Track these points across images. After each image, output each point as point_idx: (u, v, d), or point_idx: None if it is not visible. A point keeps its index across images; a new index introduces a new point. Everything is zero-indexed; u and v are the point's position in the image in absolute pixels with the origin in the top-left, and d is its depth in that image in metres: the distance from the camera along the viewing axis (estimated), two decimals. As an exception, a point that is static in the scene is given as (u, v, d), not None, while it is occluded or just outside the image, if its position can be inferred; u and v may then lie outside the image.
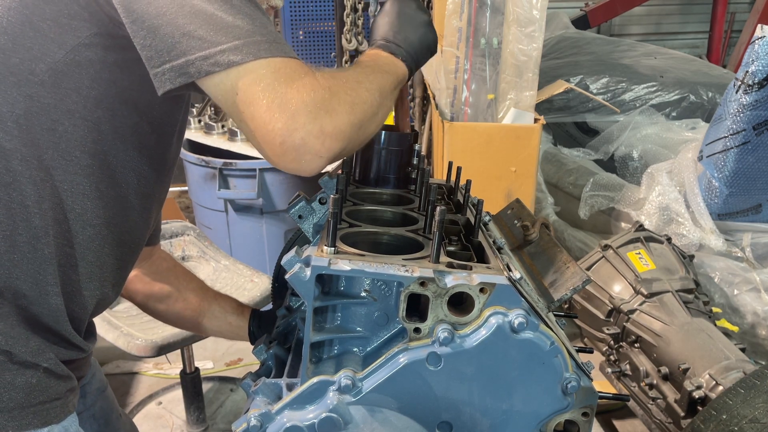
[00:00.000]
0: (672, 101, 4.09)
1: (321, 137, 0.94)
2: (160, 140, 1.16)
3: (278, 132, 0.93)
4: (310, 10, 4.30)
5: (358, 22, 3.41)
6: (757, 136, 2.72)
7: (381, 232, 1.08)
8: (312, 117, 0.93)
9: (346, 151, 1.00)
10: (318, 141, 0.94)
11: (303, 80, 0.94)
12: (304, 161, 0.96)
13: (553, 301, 1.02)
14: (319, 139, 0.94)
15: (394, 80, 1.14)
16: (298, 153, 0.95)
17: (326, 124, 0.94)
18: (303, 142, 0.93)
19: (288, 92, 0.93)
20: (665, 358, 2.18)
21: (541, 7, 2.43)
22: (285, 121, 0.93)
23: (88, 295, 1.13)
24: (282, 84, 0.93)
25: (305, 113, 0.93)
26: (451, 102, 2.55)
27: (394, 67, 1.17)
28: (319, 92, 0.94)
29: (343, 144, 0.97)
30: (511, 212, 1.36)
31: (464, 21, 2.44)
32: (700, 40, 7.99)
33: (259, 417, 0.89)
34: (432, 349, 0.89)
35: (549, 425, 0.94)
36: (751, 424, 1.57)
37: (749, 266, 2.76)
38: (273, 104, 0.92)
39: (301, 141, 0.93)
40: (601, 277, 2.49)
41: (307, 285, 0.88)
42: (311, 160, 0.96)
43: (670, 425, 2.10)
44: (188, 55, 0.92)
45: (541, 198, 3.57)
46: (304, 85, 0.94)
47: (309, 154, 0.95)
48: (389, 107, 1.13)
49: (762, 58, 2.59)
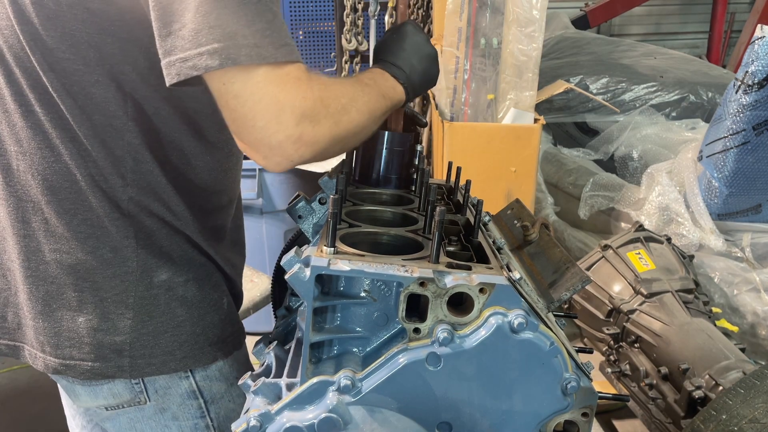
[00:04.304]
0: (672, 101, 4.09)
1: (298, 143, 0.96)
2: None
3: (258, 129, 0.95)
4: (310, 10, 4.31)
5: (358, 22, 3.42)
6: (757, 136, 2.72)
7: (381, 232, 1.08)
8: (295, 123, 0.94)
9: (316, 159, 1.02)
10: (294, 147, 0.96)
11: (296, 85, 0.95)
12: (274, 162, 0.98)
13: (553, 301, 1.02)
14: (295, 145, 0.96)
15: (388, 106, 1.16)
16: (271, 152, 0.97)
17: (307, 132, 0.96)
18: (279, 144, 0.95)
19: (279, 95, 0.94)
20: (665, 358, 2.18)
21: (541, 7, 2.43)
22: (268, 121, 0.94)
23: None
24: (274, 85, 0.93)
25: (289, 118, 0.94)
26: (451, 102, 2.55)
27: (393, 92, 1.18)
28: (309, 101, 0.96)
29: (316, 154, 1.00)
30: (510, 212, 1.36)
31: (464, 21, 2.44)
32: (700, 40, 7.99)
33: (258, 417, 0.89)
34: (431, 349, 0.89)
35: (549, 425, 0.94)
36: (750, 424, 1.57)
37: (749, 266, 2.76)
38: (260, 103, 0.93)
39: (277, 143, 0.95)
40: (601, 277, 2.48)
41: (306, 285, 0.88)
42: (280, 162, 0.98)
43: (669, 425, 2.10)
44: (205, 46, 0.91)
45: (541, 198, 3.57)
46: (296, 90, 0.95)
47: (280, 156, 0.97)
48: (374, 129, 1.14)
49: (762, 58, 2.59)
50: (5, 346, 1.23)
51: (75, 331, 1.14)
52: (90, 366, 1.15)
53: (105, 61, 1.05)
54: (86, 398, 1.21)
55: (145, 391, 1.19)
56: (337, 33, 3.58)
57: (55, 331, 1.15)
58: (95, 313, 1.14)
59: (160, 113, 1.10)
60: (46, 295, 1.15)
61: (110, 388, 1.18)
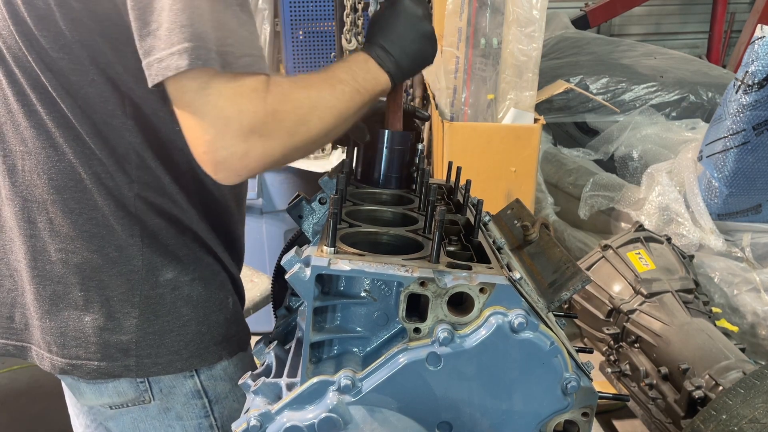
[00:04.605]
0: (672, 101, 4.09)
1: (245, 159, 0.94)
2: None
3: (204, 142, 0.93)
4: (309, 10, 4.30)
5: (358, 22, 3.41)
6: (757, 136, 2.72)
7: (381, 232, 1.08)
8: (242, 139, 0.92)
9: (272, 169, 1.02)
10: (240, 162, 0.94)
11: (249, 98, 0.92)
12: (222, 176, 0.97)
13: (553, 301, 1.02)
14: (242, 161, 0.94)
15: (365, 100, 1.12)
16: (216, 167, 0.95)
17: (254, 148, 0.94)
18: (224, 160, 0.94)
19: (227, 109, 0.92)
20: (665, 358, 2.18)
21: (541, 7, 2.43)
22: (213, 136, 0.92)
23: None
24: (224, 98, 0.91)
25: (235, 134, 0.92)
26: (451, 102, 2.55)
27: (374, 83, 1.14)
28: (260, 115, 0.93)
29: (268, 167, 0.98)
30: (510, 212, 1.36)
31: (464, 21, 2.44)
32: (700, 40, 7.98)
33: (258, 417, 0.89)
34: (432, 349, 0.89)
35: (549, 425, 0.94)
36: (750, 424, 1.57)
37: (749, 266, 2.76)
38: (207, 116, 0.92)
39: (222, 159, 0.93)
40: (601, 277, 2.48)
41: (306, 285, 0.88)
42: (227, 176, 0.97)
43: (669, 425, 2.09)
44: (176, 46, 0.89)
45: (541, 198, 3.57)
46: (248, 104, 0.92)
47: (227, 171, 0.95)
48: (347, 126, 1.12)
49: (762, 58, 2.59)
50: (13, 347, 1.23)
51: (81, 331, 1.14)
52: (96, 365, 1.15)
53: (97, 61, 1.04)
54: (91, 396, 1.21)
55: (150, 390, 1.19)
56: (337, 33, 3.57)
57: (61, 331, 1.15)
58: (101, 312, 1.14)
59: (158, 113, 1.10)
60: (53, 294, 1.15)
61: (115, 387, 1.18)
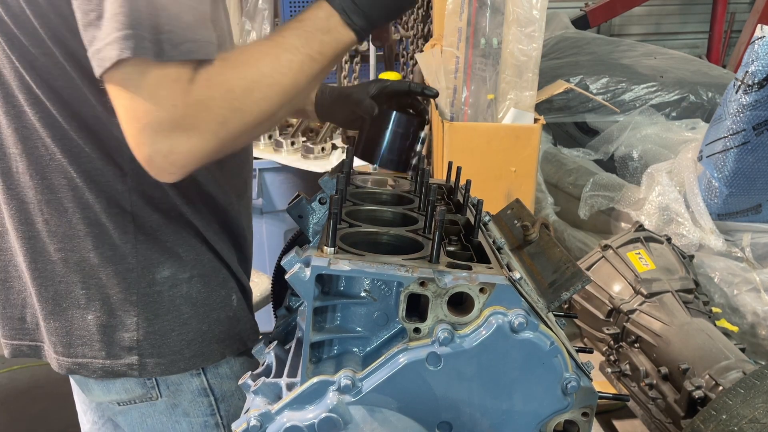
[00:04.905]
0: (672, 101, 4.08)
1: (170, 157, 0.89)
2: None
3: (130, 139, 0.90)
4: (310, 10, 4.31)
5: (358, 22, 3.41)
6: (757, 136, 2.71)
7: (381, 232, 1.08)
8: (163, 136, 0.88)
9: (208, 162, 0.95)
10: (166, 160, 0.90)
11: (169, 91, 0.87)
12: (155, 174, 0.93)
13: (553, 301, 1.02)
14: (167, 159, 0.90)
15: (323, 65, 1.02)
16: (147, 165, 0.92)
17: (179, 144, 0.89)
18: (149, 158, 0.90)
19: (145, 104, 0.87)
20: (665, 358, 2.17)
21: (541, 7, 2.43)
22: (135, 134, 0.89)
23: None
24: (141, 91, 0.87)
25: (154, 131, 0.88)
26: (451, 102, 2.55)
27: (334, 46, 1.02)
28: (181, 109, 0.88)
29: (203, 162, 0.93)
30: (510, 212, 1.36)
31: (464, 21, 2.44)
32: (700, 40, 7.98)
33: (258, 417, 0.89)
34: (432, 349, 0.89)
35: (549, 425, 0.94)
36: (750, 424, 1.57)
37: (749, 266, 2.76)
38: (129, 112, 0.88)
39: (148, 157, 0.90)
40: (601, 277, 2.48)
41: (306, 285, 0.88)
42: (160, 175, 0.93)
43: (670, 425, 2.09)
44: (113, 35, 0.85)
45: (541, 198, 3.56)
46: (165, 98, 0.87)
47: (157, 169, 0.92)
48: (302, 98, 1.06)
49: (762, 58, 2.58)
50: (27, 346, 1.23)
51: (85, 329, 1.15)
52: (101, 364, 1.15)
53: (73, 57, 1.03)
54: (99, 392, 1.22)
55: (157, 388, 1.19)
56: (337, 33, 3.58)
57: (66, 330, 1.16)
58: (103, 310, 1.14)
59: None
60: (56, 294, 1.15)
61: (123, 384, 1.19)
